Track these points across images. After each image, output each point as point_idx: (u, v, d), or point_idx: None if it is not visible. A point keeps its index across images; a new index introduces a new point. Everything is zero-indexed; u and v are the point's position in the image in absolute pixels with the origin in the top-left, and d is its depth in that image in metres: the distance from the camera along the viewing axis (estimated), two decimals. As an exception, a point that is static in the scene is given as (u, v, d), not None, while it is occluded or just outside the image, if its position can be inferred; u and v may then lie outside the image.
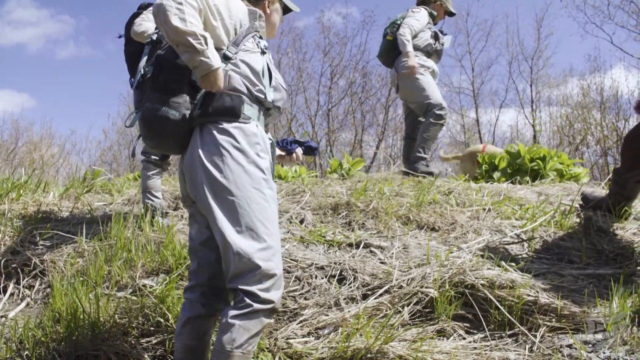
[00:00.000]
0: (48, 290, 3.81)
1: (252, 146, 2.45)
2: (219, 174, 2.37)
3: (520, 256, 3.71)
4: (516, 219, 4.30)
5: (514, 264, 3.51)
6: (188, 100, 2.46)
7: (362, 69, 22.12)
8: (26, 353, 3.16)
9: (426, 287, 3.21)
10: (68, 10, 37.31)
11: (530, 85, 22.52)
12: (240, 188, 2.36)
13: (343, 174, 7.14)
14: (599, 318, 3.08)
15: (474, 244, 3.77)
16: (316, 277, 3.45)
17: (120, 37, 4.66)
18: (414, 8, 6.72)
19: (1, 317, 3.58)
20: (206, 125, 2.45)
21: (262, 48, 2.63)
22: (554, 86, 22.35)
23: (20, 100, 34.90)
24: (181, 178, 2.59)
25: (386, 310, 3.14)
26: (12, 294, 3.86)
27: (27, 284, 3.94)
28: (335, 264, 3.53)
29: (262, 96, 2.55)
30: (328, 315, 3.15)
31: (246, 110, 2.48)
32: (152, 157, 4.72)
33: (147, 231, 4.11)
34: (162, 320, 3.20)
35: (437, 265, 3.36)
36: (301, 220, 4.38)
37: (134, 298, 3.40)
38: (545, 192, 5.20)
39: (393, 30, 6.63)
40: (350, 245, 3.82)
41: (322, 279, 3.44)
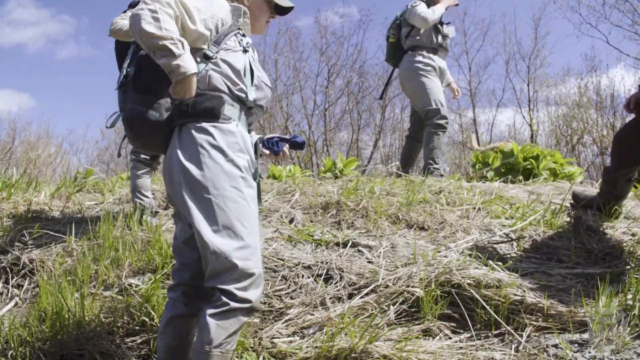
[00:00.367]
0: (37, 289, 3.79)
1: (231, 145, 2.43)
2: (196, 173, 2.36)
3: (508, 255, 3.70)
4: (506, 218, 4.29)
5: (502, 263, 3.49)
6: (169, 101, 2.46)
7: (359, 68, 22.12)
8: (11, 352, 3.14)
9: (412, 287, 3.20)
10: (69, 10, 37.29)
11: (528, 85, 22.52)
12: (217, 187, 2.35)
13: (337, 174, 7.13)
14: (585, 318, 3.07)
15: (462, 243, 3.76)
16: (303, 277, 3.44)
17: (109, 35, 4.66)
18: (412, 2, 6.40)
19: (-12, 317, 3.56)
20: (186, 125, 2.44)
21: (244, 46, 2.60)
22: (551, 86, 22.34)
23: (21, 100, 34.86)
24: (164, 178, 2.58)
25: (372, 310, 3.12)
26: (1, 294, 3.85)
27: (16, 284, 3.93)
28: (322, 263, 3.52)
29: (244, 95, 2.53)
30: (313, 314, 3.14)
31: (226, 110, 2.46)
32: (142, 157, 4.71)
33: (136, 230, 4.10)
34: (147, 319, 3.18)
35: (424, 264, 3.34)
36: (291, 220, 4.36)
37: (120, 297, 3.38)
38: (537, 191, 5.19)
39: (395, 32, 6.50)
40: (338, 244, 3.80)
41: (309, 278, 3.43)
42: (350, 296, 3.27)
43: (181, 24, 2.38)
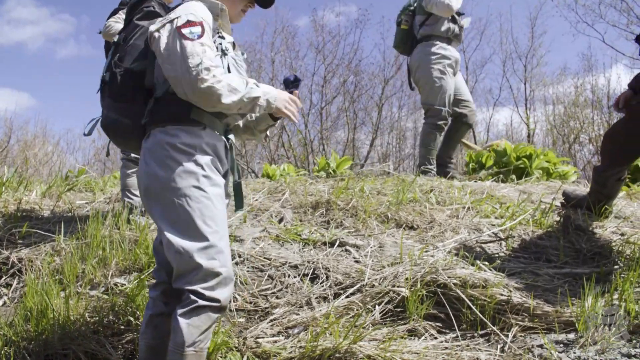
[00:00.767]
0: (25, 289, 3.77)
1: (193, 146, 2.41)
2: (159, 174, 2.37)
3: (496, 255, 3.69)
4: (496, 218, 4.27)
5: (489, 263, 3.48)
6: (141, 106, 2.48)
7: (355, 67, 22.08)
8: (-4, 352, 3.13)
9: (398, 286, 3.18)
10: (68, 9, 37.24)
11: (524, 84, 22.50)
12: (179, 187, 2.34)
13: (330, 173, 7.12)
14: (571, 318, 3.05)
15: (450, 243, 3.74)
16: (289, 276, 3.42)
17: (100, 33, 4.65)
18: None
19: (-26, 316, 3.54)
20: (153, 129, 2.45)
21: (223, 49, 2.58)
22: (548, 84, 22.33)
23: (21, 100, 34.73)
24: (137, 182, 2.59)
25: (357, 310, 3.11)
26: (-10, 293, 3.83)
27: (5, 283, 3.91)
28: (308, 262, 3.51)
29: None
30: (299, 314, 3.13)
31: (193, 114, 2.44)
32: (132, 155, 4.70)
33: (124, 229, 4.09)
34: (132, 319, 3.17)
35: (410, 264, 3.33)
36: (280, 219, 4.35)
37: (106, 297, 3.37)
38: (529, 191, 5.17)
39: (407, 18, 6.26)
40: (326, 243, 3.79)
41: (295, 277, 3.41)
42: (336, 296, 3.25)
43: None
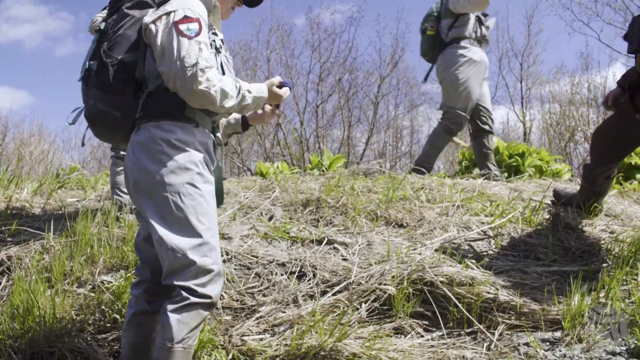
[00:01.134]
0: (14, 287, 3.77)
1: (187, 143, 2.40)
2: (152, 170, 2.34)
3: (485, 253, 3.68)
4: (485, 216, 4.26)
5: (477, 260, 3.47)
6: (132, 99, 2.43)
7: (350, 65, 22.06)
8: (-18, 350, 3.12)
9: (385, 284, 3.17)
10: (66, 7, 37.09)
11: (520, 82, 22.48)
12: (173, 183, 2.33)
13: (323, 171, 7.11)
14: (558, 316, 3.05)
15: (439, 241, 3.73)
16: (276, 274, 3.41)
17: (90, 32, 4.63)
18: None
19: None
20: (145, 123, 2.42)
21: (217, 46, 2.57)
22: (544, 83, 22.33)
23: (19, 98, 34.62)
24: (124, 175, 2.55)
25: (344, 308, 3.10)
26: (-22, 291, 3.82)
27: (-6, 281, 3.89)
28: (296, 260, 3.49)
29: None
30: (285, 312, 3.12)
31: (187, 111, 2.43)
32: (121, 153, 4.68)
33: (112, 227, 4.07)
34: (119, 316, 3.16)
35: (397, 262, 3.32)
36: (270, 217, 4.33)
37: (92, 294, 3.36)
38: (520, 189, 5.16)
39: (433, 24, 6.15)
40: (314, 241, 3.78)
41: (282, 275, 3.40)
42: (323, 294, 3.24)
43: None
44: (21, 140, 22.23)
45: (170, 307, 2.27)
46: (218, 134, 2.67)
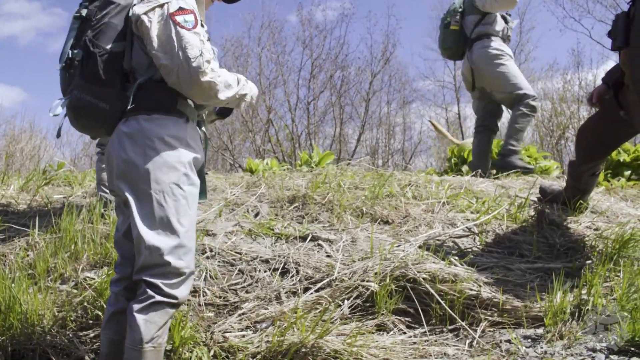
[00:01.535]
0: (-2, 283, 3.75)
1: (178, 140, 2.38)
2: (140, 165, 2.31)
3: (469, 250, 3.67)
4: (471, 212, 4.26)
5: (461, 257, 3.47)
6: (119, 91, 2.39)
7: (342, 62, 22.00)
8: (-38, 347, 3.10)
9: (367, 281, 3.17)
10: (60, 3, 36.70)
11: (513, 79, 22.40)
12: (159, 182, 2.31)
13: (312, 167, 7.09)
14: (540, 313, 3.05)
15: (423, 237, 3.73)
16: (259, 271, 3.40)
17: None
18: None
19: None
20: (135, 115, 2.38)
21: (208, 39, 2.55)
22: (536, 80, 22.33)
23: (12, 94, 34.39)
24: (105, 165, 2.52)
25: (326, 304, 3.10)
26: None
27: (-23, 277, 3.87)
28: (279, 257, 3.48)
29: None
30: (268, 309, 3.11)
31: (179, 105, 2.42)
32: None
33: (97, 224, 4.05)
34: (101, 313, 3.14)
35: (380, 258, 3.31)
36: (256, 214, 4.32)
37: (75, 291, 3.34)
38: (508, 185, 5.16)
39: (456, 19, 6.07)
40: (298, 238, 3.77)
41: (266, 272, 3.39)
42: (306, 290, 3.23)
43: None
44: (12, 136, 22.13)
45: (136, 307, 2.26)
46: (203, 128, 2.66)
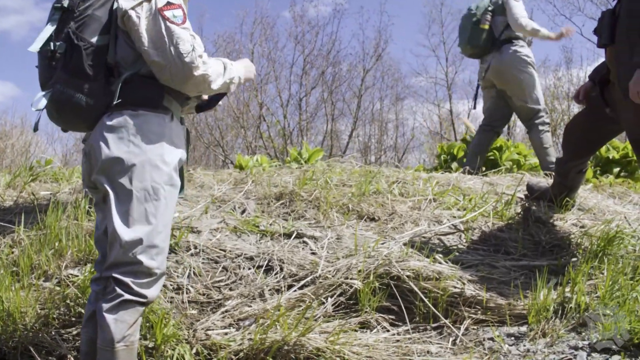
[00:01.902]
0: (-19, 280, 3.72)
1: (163, 137, 2.37)
2: (123, 161, 2.29)
3: (454, 247, 3.67)
4: (458, 210, 4.25)
5: (446, 255, 3.46)
6: (104, 85, 2.35)
7: (334, 58, 21.99)
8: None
9: (351, 278, 3.16)
10: (53, -3, 36.68)
11: (505, 76, 22.43)
12: (140, 179, 2.29)
13: (302, 164, 7.07)
14: (524, 310, 3.05)
15: (408, 235, 3.72)
16: (243, 268, 3.38)
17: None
18: None
19: None
20: (120, 110, 2.34)
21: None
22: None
23: (5, 89, 34.19)
24: (84, 160, 2.49)
25: (309, 302, 3.08)
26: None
27: (-39, 274, 3.84)
28: (264, 254, 3.47)
29: None
30: (251, 306, 3.09)
31: (165, 101, 2.40)
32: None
33: (82, 220, 4.03)
34: (83, 311, 3.11)
35: (364, 256, 3.30)
36: (243, 210, 4.30)
37: (58, 288, 3.32)
38: (495, 182, 5.15)
39: (487, 17, 5.90)
40: (284, 235, 3.75)
41: (250, 269, 3.38)
42: (290, 288, 3.22)
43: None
44: (3, 132, 22.03)
45: (105, 307, 2.24)
46: (185, 124, 2.64)
